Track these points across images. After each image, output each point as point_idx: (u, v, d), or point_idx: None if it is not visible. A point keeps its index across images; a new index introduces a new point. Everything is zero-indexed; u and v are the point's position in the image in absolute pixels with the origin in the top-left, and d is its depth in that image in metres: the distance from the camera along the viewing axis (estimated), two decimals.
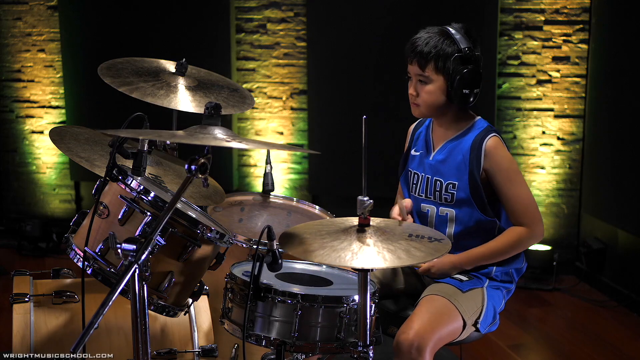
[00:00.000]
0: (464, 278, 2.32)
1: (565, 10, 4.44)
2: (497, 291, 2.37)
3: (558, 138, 4.55)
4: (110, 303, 1.56)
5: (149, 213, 1.82)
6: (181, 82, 2.42)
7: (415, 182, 2.43)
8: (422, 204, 2.40)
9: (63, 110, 4.97)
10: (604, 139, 4.24)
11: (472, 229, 2.32)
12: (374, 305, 1.98)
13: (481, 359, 3.43)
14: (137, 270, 1.64)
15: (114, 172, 1.87)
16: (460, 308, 2.23)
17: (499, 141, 2.31)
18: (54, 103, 5.00)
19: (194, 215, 1.94)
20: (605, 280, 4.32)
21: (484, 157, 2.28)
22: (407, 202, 2.43)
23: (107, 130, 1.86)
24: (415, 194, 2.42)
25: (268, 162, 2.67)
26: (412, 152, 2.47)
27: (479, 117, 2.38)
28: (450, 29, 2.28)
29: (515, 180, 2.30)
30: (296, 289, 2.02)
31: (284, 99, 4.79)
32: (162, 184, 2.17)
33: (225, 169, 4.77)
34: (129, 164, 1.90)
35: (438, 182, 2.35)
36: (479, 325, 2.28)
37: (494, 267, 2.36)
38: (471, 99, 2.28)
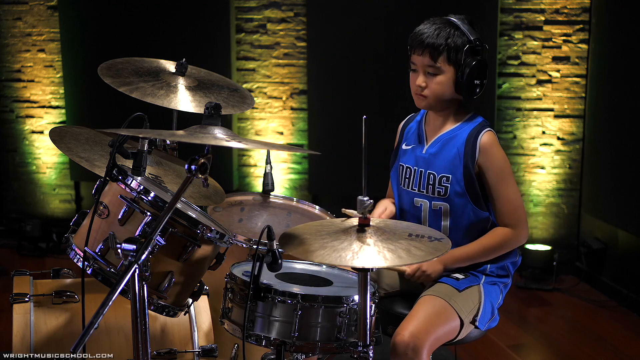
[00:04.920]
0: (460, 276, 2.33)
1: (565, 10, 4.44)
2: (494, 287, 2.37)
3: (558, 138, 4.55)
4: (110, 303, 1.56)
5: (149, 213, 1.82)
6: (181, 82, 2.42)
7: (407, 176, 2.43)
8: (415, 198, 2.40)
9: (63, 110, 4.96)
10: (604, 139, 4.24)
11: (465, 223, 2.33)
12: (374, 305, 1.98)
13: (481, 359, 3.43)
14: (137, 270, 1.64)
15: (114, 172, 1.87)
16: (456, 307, 2.23)
17: (494, 137, 2.33)
18: (54, 103, 5.00)
19: (194, 215, 1.94)
20: (605, 280, 4.32)
21: (479, 151, 2.30)
22: (388, 212, 2.46)
23: (107, 130, 1.86)
24: (407, 187, 2.42)
25: (268, 162, 2.67)
26: (403, 146, 2.48)
27: (473, 112, 2.40)
28: (456, 20, 2.30)
29: (507, 181, 2.31)
30: (296, 289, 2.02)
31: (284, 99, 4.79)
32: (162, 184, 2.17)
33: (225, 169, 4.77)
34: (129, 164, 1.90)
35: (431, 175, 2.36)
36: (477, 323, 2.28)
37: (489, 265, 2.36)
38: (478, 90, 2.31)
